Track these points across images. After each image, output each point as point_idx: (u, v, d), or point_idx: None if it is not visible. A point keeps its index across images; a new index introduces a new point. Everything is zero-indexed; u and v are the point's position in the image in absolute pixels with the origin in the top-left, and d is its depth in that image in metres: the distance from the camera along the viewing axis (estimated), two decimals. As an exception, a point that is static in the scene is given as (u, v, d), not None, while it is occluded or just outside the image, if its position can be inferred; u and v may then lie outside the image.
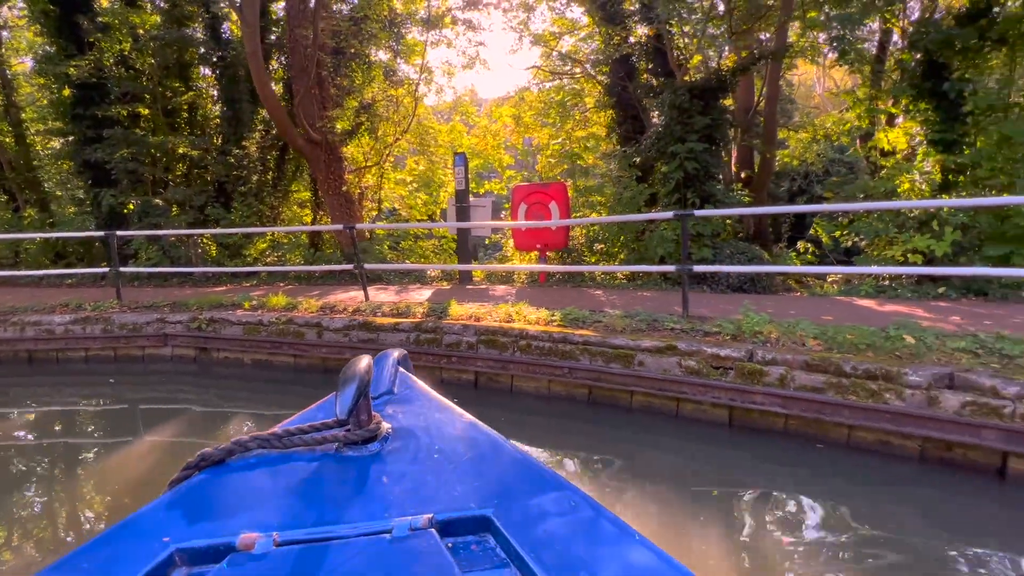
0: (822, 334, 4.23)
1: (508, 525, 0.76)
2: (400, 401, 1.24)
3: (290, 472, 0.92)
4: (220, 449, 0.96)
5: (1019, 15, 5.46)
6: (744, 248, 7.80)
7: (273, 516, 0.80)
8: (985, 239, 5.94)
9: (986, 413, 3.15)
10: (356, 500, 0.84)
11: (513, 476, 0.92)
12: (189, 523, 0.79)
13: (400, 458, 0.96)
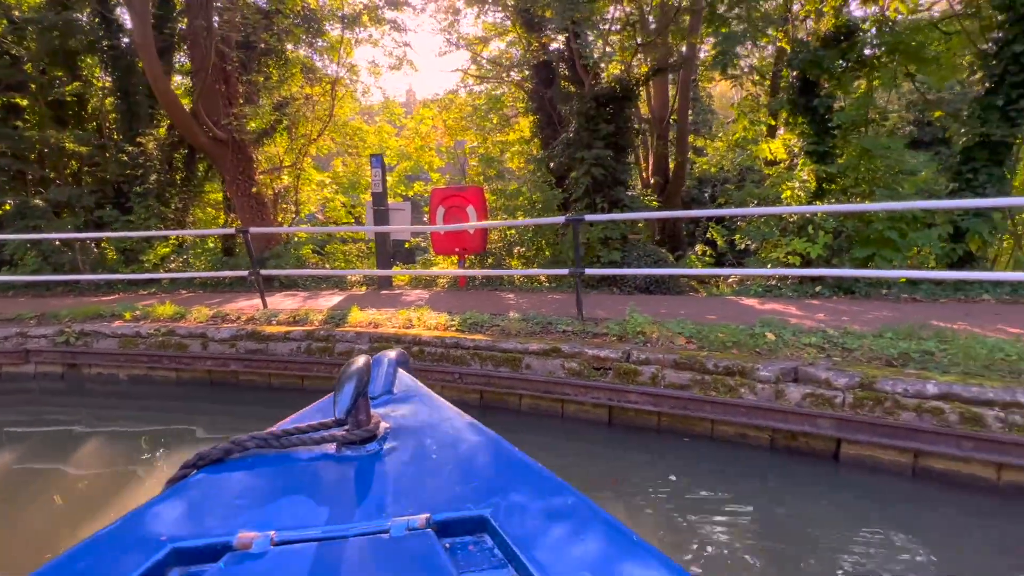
0: (697, 333, 4.45)
1: (506, 526, 0.76)
2: (399, 401, 1.24)
3: (288, 471, 0.93)
4: (218, 448, 0.96)
5: (873, 39, 6.07)
6: (651, 251, 8.13)
7: (271, 515, 0.80)
8: (853, 242, 6.51)
9: (821, 403, 3.42)
10: (354, 500, 0.85)
11: (511, 477, 0.92)
12: (186, 522, 0.79)
13: (398, 458, 0.97)
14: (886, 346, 3.83)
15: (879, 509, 3.08)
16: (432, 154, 15.89)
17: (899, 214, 6.15)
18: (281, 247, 10.41)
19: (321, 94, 11.90)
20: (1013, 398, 2.99)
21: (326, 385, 5.14)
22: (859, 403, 3.33)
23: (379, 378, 1.30)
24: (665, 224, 11.74)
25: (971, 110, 5.85)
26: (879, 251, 6.37)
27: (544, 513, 0.80)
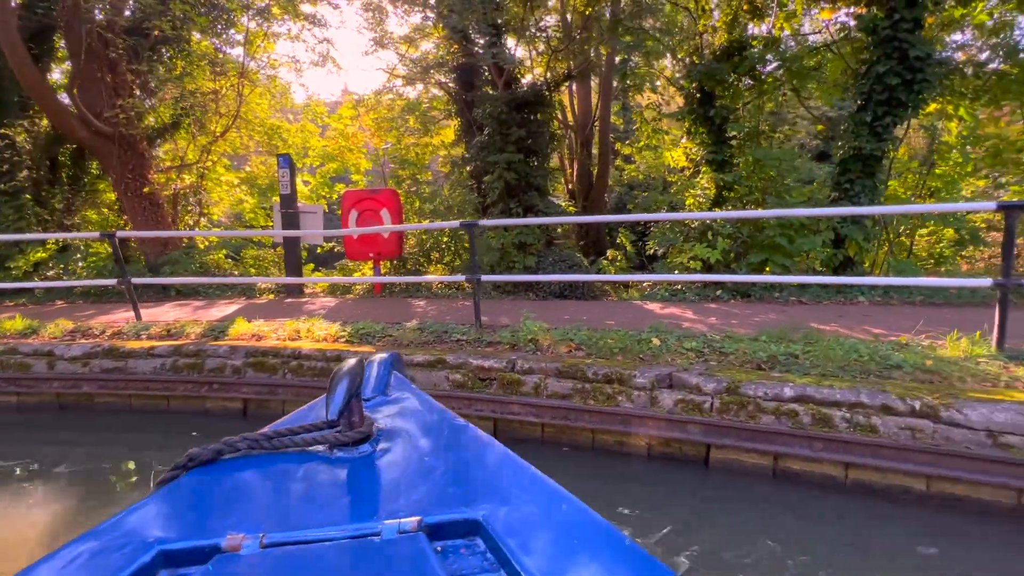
0: (588, 340, 4.41)
1: (498, 529, 0.75)
2: (392, 403, 1.22)
3: (279, 473, 0.92)
4: (208, 449, 0.94)
5: (760, 55, 6.40)
6: (567, 256, 8.14)
7: (261, 517, 0.79)
8: (749, 248, 6.80)
9: (692, 409, 3.44)
10: (345, 502, 0.83)
11: (505, 479, 0.92)
12: (175, 524, 0.78)
13: (391, 460, 0.96)
14: (758, 349, 3.94)
15: (744, 512, 3.11)
16: (359, 156, 15.32)
17: (787, 221, 6.48)
18: (179, 252, 9.58)
19: (228, 88, 11.11)
20: (857, 399, 3.11)
21: (195, 406, 4.67)
22: (725, 408, 3.37)
23: (372, 379, 1.30)
24: (588, 229, 11.92)
25: (846, 126, 6.27)
26: (771, 256, 6.68)
27: (537, 516, 0.79)
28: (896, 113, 5.81)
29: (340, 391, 0.94)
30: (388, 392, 1.28)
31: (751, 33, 6.98)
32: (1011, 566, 2.62)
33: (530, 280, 7.34)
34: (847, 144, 6.25)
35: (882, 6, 5.45)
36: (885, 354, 3.64)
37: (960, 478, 2.85)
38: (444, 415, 1.17)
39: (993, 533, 2.78)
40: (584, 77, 11.53)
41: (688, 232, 6.97)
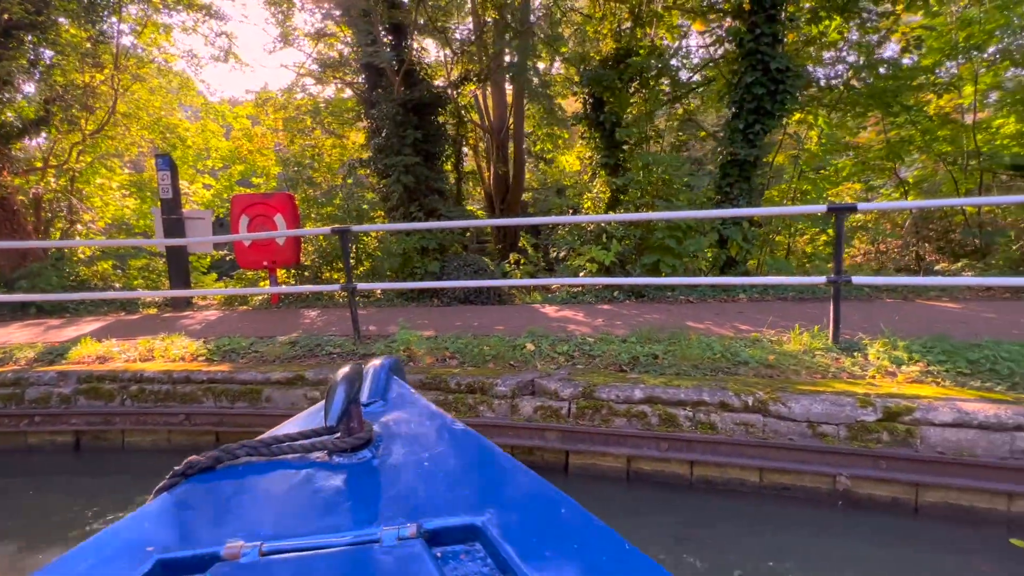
0: (463, 348, 4.29)
1: (498, 534, 0.74)
2: (392, 408, 1.21)
3: (278, 480, 0.90)
4: (207, 456, 0.93)
5: (643, 62, 6.63)
6: (471, 260, 8.03)
7: (260, 525, 0.78)
8: (641, 249, 7.01)
9: (550, 416, 3.41)
10: (345, 508, 0.82)
11: (505, 484, 0.91)
12: (174, 532, 0.78)
13: (390, 466, 0.95)
14: (624, 351, 3.99)
15: (601, 519, 3.10)
16: (268, 158, 14.43)
17: (675, 223, 6.73)
18: (41, 265, 8.52)
19: (105, 81, 10.06)
20: (700, 397, 3.20)
21: (15, 443, 4.07)
22: (581, 413, 3.36)
23: (371, 384, 1.29)
24: (506, 233, 11.91)
25: (724, 133, 6.61)
26: (663, 257, 6.91)
27: (537, 521, 0.79)
28: (764, 121, 6.19)
29: (339, 397, 0.94)
30: (387, 397, 1.28)
31: (650, 41, 7.21)
32: (826, 546, 2.77)
33: (435, 287, 7.16)
34: (725, 150, 6.60)
35: (744, 20, 5.81)
36: (736, 351, 3.80)
37: (786, 468, 2.99)
38: (443, 420, 1.16)
39: (815, 517, 2.93)
40: (497, 80, 11.57)
41: (585, 235, 7.07)
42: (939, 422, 2.78)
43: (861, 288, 6.01)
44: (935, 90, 9.01)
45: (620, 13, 6.42)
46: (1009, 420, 2.69)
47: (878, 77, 6.60)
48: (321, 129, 11.81)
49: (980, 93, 9.45)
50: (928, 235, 9.85)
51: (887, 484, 2.84)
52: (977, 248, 8.21)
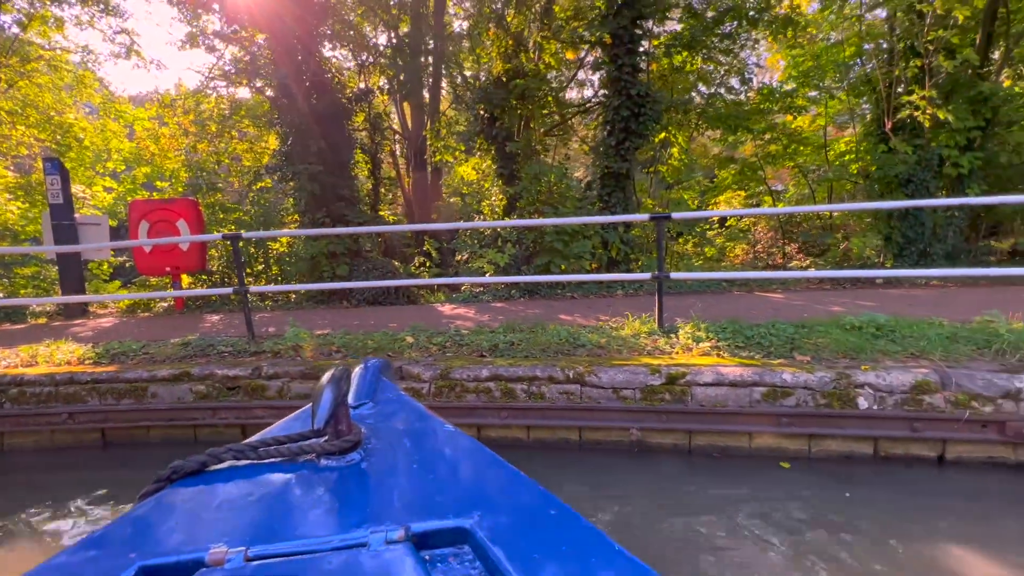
0: (350, 342, 4.74)
1: (487, 537, 0.74)
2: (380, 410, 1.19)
3: (265, 484, 0.89)
4: (192, 460, 0.91)
5: (527, 84, 7.39)
6: (379, 264, 8.45)
7: (246, 530, 0.76)
8: (535, 251, 7.74)
9: (413, 395, 3.94)
10: (332, 512, 0.81)
11: (494, 487, 0.90)
12: (157, 538, 0.76)
13: (379, 468, 0.94)
14: (489, 340, 4.62)
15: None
16: (175, 161, 13.93)
17: (562, 228, 7.52)
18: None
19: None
20: (534, 373, 3.87)
21: None
22: (439, 391, 3.94)
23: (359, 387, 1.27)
24: (423, 239, 12.39)
25: (601, 149, 7.50)
26: (553, 259, 7.69)
27: (526, 523, 0.79)
28: (631, 139, 7.11)
29: (326, 399, 0.93)
30: (376, 399, 1.27)
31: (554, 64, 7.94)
32: (624, 483, 3.50)
33: (329, 288, 7.50)
34: (601, 164, 7.47)
35: (607, 52, 6.69)
36: (578, 336, 4.53)
37: (597, 426, 3.72)
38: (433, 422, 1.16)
39: (618, 463, 3.68)
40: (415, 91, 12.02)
41: (484, 239, 7.71)
42: (703, 382, 3.61)
43: (697, 282, 7.06)
44: (790, 112, 10.52)
45: (506, 39, 7.12)
46: (749, 378, 3.56)
47: (724, 103, 7.75)
48: (237, 132, 11.70)
49: (830, 116, 11.13)
50: (793, 236, 11.41)
51: (669, 433, 3.64)
52: (827, 247, 9.68)
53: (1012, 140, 7.56)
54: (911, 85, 7.29)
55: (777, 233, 11.41)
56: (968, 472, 3.30)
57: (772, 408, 3.49)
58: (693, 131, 7.70)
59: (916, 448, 3.37)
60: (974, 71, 7.41)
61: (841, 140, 11.31)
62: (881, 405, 3.38)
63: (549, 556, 0.71)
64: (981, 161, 7.37)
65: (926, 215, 7.63)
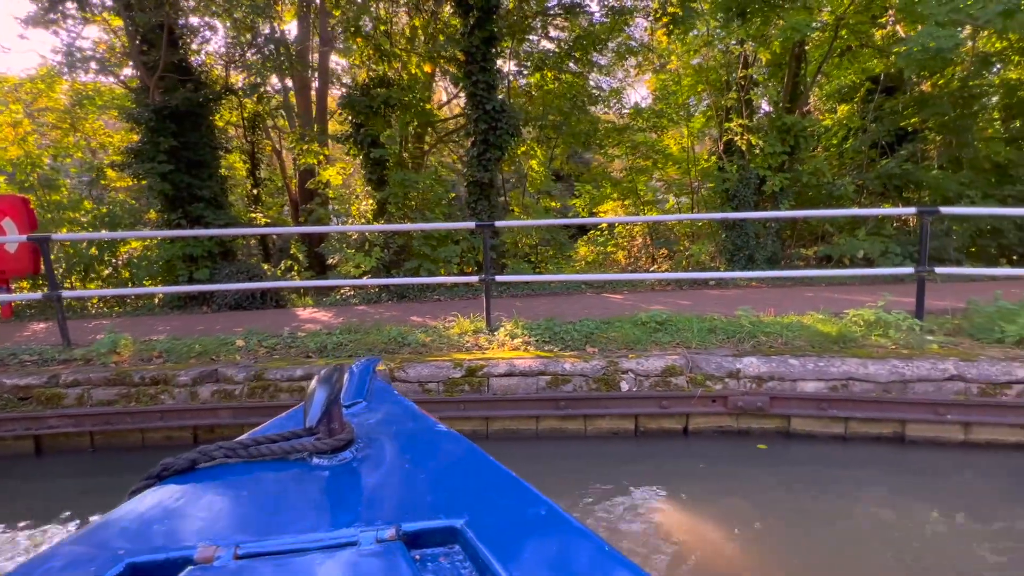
0: (173, 347, 4.66)
1: (478, 536, 0.74)
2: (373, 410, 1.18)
3: (256, 482, 0.88)
4: (183, 458, 0.91)
5: (389, 94, 7.63)
6: (246, 267, 8.22)
7: (235, 528, 0.76)
8: (405, 255, 7.95)
9: (225, 397, 4.02)
10: (323, 511, 0.80)
11: (485, 486, 0.90)
12: (146, 535, 0.75)
13: (371, 467, 0.93)
14: (321, 341, 4.76)
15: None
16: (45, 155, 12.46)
17: (429, 233, 7.80)
18: None
19: None
20: (348, 371, 4.09)
21: None
22: (252, 392, 4.03)
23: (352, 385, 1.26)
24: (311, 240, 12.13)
25: (467, 159, 7.90)
26: (423, 263, 7.94)
27: (517, 523, 0.78)
28: (491, 151, 7.57)
29: (319, 398, 0.92)
30: (369, 398, 1.26)
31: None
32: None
33: (150, 292, 7.20)
34: (469, 174, 7.86)
35: (460, 68, 7.10)
36: (405, 335, 4.82)
37: (405, 418, 4.01)
38: (425, 421, 1.16)
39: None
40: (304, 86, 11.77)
41: (351, 243, 7.79)
42: (497, 373, 4.04)
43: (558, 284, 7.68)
44: (655, 131, 11.63)
45: (367, 48, 7.29)
46: (536, 368, 4.04)
47: (581, 120, 8.50)
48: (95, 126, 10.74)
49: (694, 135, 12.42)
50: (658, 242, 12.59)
51: (467, 420, 4.02)
52: (674, 253, 10.81)
53: (811, 164, 8.99)
54: (731, 114, 8.44)
55: (647, 239, 12.54)
56: (705, 440, 4.00)
57: (553, 393, 3.98)
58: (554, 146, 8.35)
59: (667, 422, 4.01)
60: (782, 105, 8.74)
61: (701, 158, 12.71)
62: (639, 387, 3.99)
63: (539, 556, 0.71)
64: (789, 181, 8.70)
65: (749, 225, 8.84)
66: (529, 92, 8.34)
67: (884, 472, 3.54)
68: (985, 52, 9.32)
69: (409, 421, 1.18)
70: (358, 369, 1.43)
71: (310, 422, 0.95)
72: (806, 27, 7.05)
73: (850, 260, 8.81)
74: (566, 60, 8.17)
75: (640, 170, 11.96)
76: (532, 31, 7.95)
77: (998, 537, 2.86)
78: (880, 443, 3.81)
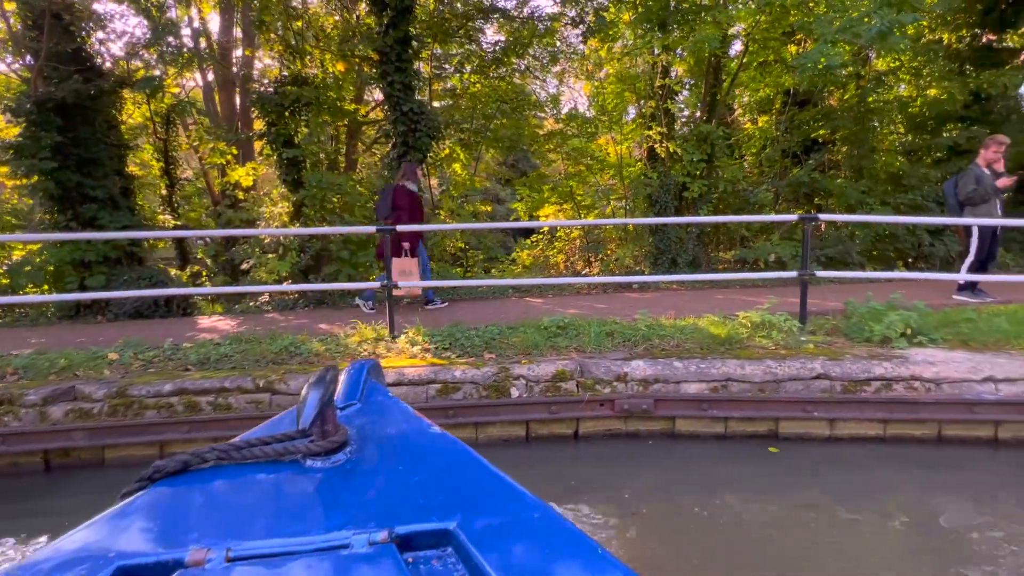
0: (31, 364, 4.26)
1: (471, 539, 0.73)
2: (368, 411, 1.18)
3: (248, 484, 0.88)
4: (175, 460, 0.90)
5: (299, 93, 7.37)
6: (149, 273, 7.69)
7: (227, 530, 0.76)
8: (324, 259, 7.66)
9: (82, 416, 3.69)
10: (316, 513, 0.80)
11: (480, 489, 0.90)
12: (136, 538, 0.75)
13: (364, 470, 0.93)
14: (204, 353, 4.48)
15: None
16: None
17: (348, 237, 7.56)
18: None
19: None
20: (223, 385, 3.86)
21: None
22: (114, 410, 3.73)
23: (347, 387, 1.25)
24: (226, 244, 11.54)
25: (388, 161, 7.71)
26: (342, 267, 7.69)
27: (511, 526, 0.78)
28: (411, 154, 7.43)
29: (312, 399, 0.91)
30: (363, 400, 1.24)
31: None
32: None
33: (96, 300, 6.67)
34: (390, 176, 7.67)
35: (376, 68, 6.95)
36: (299, 345, 4.61)
37: (287, 433, 3.82)
38: (420, 424, 1.14)
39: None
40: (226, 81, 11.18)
41: (265, 247, 7.44)
42: (390, 382, 3.91)
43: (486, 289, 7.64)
44: (587, 137, 11.84)
45: (277, 45, 7.00)
46: (426, 376, 3.95)
47: (499, 125, 8.52)
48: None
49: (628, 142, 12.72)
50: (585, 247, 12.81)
51: (353, 433, 3.87)
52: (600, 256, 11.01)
53: (729, 172, 9.39)
54: (650, 122, 8.69)
55: (581, 243, 12.74)
56: (594, 443, 4.03)
57: (443, 402, 3.91)
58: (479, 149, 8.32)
59: (557, 427, 4.02)
60: (700, 115, 9.09)
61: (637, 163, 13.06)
62: (530, 393, 3.98)
63: (533, 559, 0.72)
64: (707, 187, 9.04)
65: (671, 230, 9.12)
66: (455, 95, 8.25)
67: (757, 468, 3.68)
68: (880, 71, 10.07)
69: (403, 423, 1.18)
70: (353, 370, 1.41)
71: (303, 424, 0.93)
72: (715, 41, 7.34)
73: (764, 263, 9.26)
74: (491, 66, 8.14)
75: (576, 176, 12.14)
76: (453, 34, 7.87)
77: (862, 522, 3.01)
78: (756, 440, 3.96)
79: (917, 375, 3.83)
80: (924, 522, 3.03)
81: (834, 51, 6.35)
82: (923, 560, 2.71)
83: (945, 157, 10.04)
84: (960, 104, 9.27)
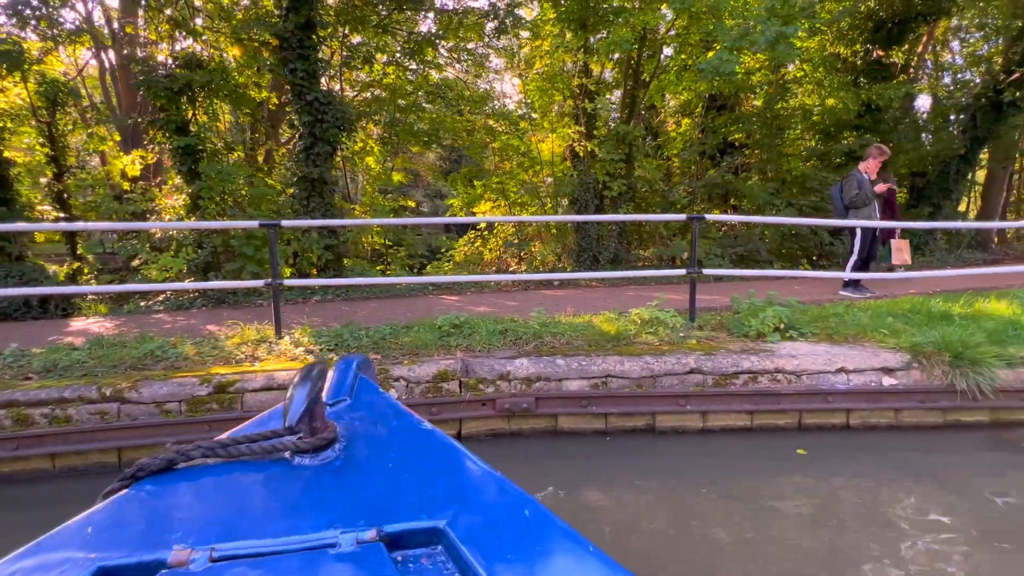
0: None
1: (461, 537, 0.73)
2: (357, 407, 1.16)
3: (234, 482, 0.87)
4: (160, 458, 0.89)
5: (189, 76, 6.88)
6: (22, 269, 6.95)
7: (212, 530, 0.75)
8: (225, 256, 7.19)
9: None
10: (303, 512, 0.79)
11: (469, 486, 0.89)
12: (119, 538, 0.73)
13: (353, 467, 0.92)
14: (54, 359, 4.05)
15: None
16: None
17: (251, 233, 7.14)
18: None
19: None
20: (61, 395, 3.49)
21: None
22: (-76, 427, 3.28)
23: (336, 384, 1.23)
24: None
25: (295, 153, 7.34)
26: (246, 264, 7.25)
27: (501, 523, 0.77)
28: (319, 146, 7.11)
29: (301, 395, 0.90)
30: (353, 396, 1.22)
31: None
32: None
33: None
34: (296, 168, 7.31)
35: (275, 54, 6.59)
36: (171, 348, 4.27)
37: (140, 444, 3.51)
38: (410, 420, 1.13)
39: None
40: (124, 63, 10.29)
41: (155, 242, 6.89)
42: (253, 388, 3.69)
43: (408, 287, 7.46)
44: (515, 133, 11.83)
45: (161, 23, 6.48)
46: (298, 380, 3.74)
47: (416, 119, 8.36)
48: None
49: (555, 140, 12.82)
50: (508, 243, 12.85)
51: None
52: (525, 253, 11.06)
53: (644, 172, 9.67)
54: (571, 121, 8.78)
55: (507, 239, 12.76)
56: (478, 443, 3.98)
57: (315, 407, 3.72)
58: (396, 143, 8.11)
59: (439, 428, 3.93)
60: (619, 116, 9.28)
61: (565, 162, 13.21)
62: (411, 395, 3.87)
63: (523, 557, 0.71)
64: (626, 186, 9.26)
65: (592, 227, 9.26)
66: (369, 86, 7.97)
67: (638, 461, 3.76)
68: (787, 80, 10.68)
69: (393, 419, 1.15)
70: (342, 366, 1.38)
71: (291, 421, 0.91)
72: (627, 43, 7.49)
73: (680, 260, 9.61)
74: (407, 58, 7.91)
75: (508, 173, 12.12)
76: (365, 22, 7.58)
77: (741, 508, 3.12)
78: (635, 435, 4.05)
79: (780, 368, 4.04)
80: (777, 507, 3.19)
81: (731, 58, 6.63)
82: (786, 528, 2.84)
83: (844, 162, 10.81)
84: (854, 113, 9.99)
